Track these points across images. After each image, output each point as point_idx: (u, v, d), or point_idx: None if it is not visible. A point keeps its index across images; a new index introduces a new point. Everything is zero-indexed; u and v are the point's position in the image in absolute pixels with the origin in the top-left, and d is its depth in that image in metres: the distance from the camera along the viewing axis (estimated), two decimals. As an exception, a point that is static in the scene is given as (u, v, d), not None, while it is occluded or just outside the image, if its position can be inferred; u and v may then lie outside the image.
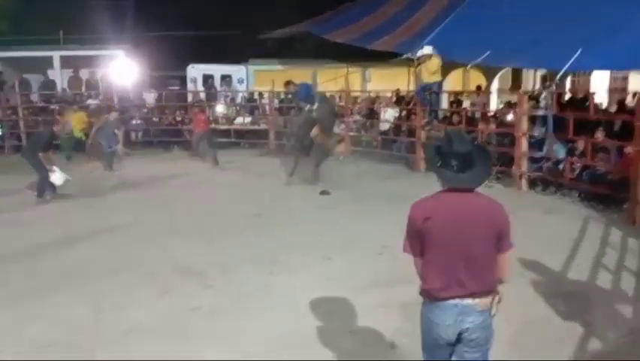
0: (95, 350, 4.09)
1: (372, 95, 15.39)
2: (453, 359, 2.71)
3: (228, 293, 5.09)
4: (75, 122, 12.58)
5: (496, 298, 2.67)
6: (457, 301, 2.59)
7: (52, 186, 8.95)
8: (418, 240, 2.67)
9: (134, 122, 14.97)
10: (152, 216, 7.85)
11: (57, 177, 8.91)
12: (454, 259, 2.59)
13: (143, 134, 14.90)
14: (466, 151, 2.65)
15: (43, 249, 6.42)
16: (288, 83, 12.39)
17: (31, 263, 5.96)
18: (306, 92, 10.11)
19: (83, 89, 16.21)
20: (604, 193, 7.84)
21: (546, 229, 6.92)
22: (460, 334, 2.62)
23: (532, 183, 9.26)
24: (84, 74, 16.79)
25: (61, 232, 7.12)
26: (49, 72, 17.20)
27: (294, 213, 7.93)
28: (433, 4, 14.10)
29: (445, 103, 13.90)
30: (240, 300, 4.95)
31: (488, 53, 10.50)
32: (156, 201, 8.85)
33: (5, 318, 4.58)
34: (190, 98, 15.53)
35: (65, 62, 17.97)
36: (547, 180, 8.93)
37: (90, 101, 15.30)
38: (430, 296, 2.66)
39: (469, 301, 2.60)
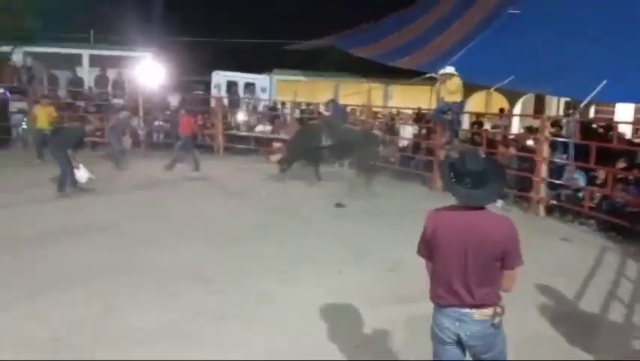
0: (95, 350, 4.11)
1: (394, 111, 15.40)
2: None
3: (235, 301, 5.10)
4: (42, 116, 12.41)
5: (498, 309, 2.75)
6: (455, 309, 2.74)
7: (74, 181, 9.10)
8: (428, 247, 2.84)
9: (156, 123, 15.17)
10: (163, 220, 7.92)
11: (81, 174, 9.10)
12: (454, 271, 2.73)
13: (165, 136, 15.07)
14: (479, 170, 2.76)
15: (55, 244, 6.53)
16: (331, 102, 12.64)
17: (38, 259, 6.01)
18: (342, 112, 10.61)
19: (109, 88, 16.49)
20: (622, 225, 7.72)
21: (561, 256, 6.84)
22: (461, 338, 2.75)
23: (550, 210, 9.16)
24: (111, 73, 17.12)
25: (74, 228, 7.23)
26: (78, 70, 17.54)
27: (307, 223, 7.94)
28: (458, 27, 14.14)
29: (466, 124, 13.86)
30: (246, 308, 4.95)
31: (512, 77, 10.49)
32: (169, 205, 8.92)
33: (5, 317, 4.61)
34: (213, 103, 15.70)
35: (94, 60, 18.34)
36: (566, 207, 8.82)
37: (115, 101, 15.56)
38: (434, 302, 2.85)
39: (466, 310, 2.72)
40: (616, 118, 14.21)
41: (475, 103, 17.34)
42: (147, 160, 13.04)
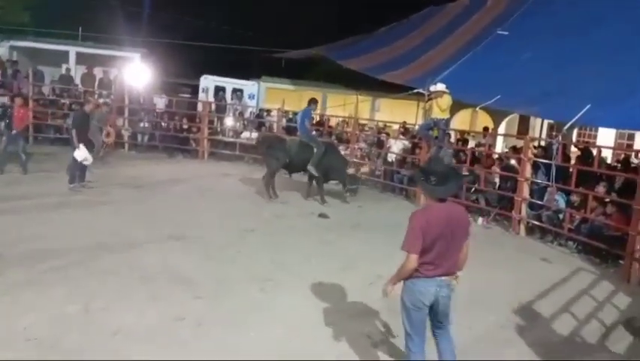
0: (83, 350, 4.09)
1: (380, 124, 15.49)
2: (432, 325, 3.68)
3: (216, 306, 5.07)
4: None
5: (458, 274, 3.68)
6: (440, 278, 3.54)
7: (82, 177, 9.41)
8: (421, 238, 3.43)
9: (141, 125, 15.06)
10: (151, 220, 7.85)
11: (79, 152, 9.22)
12: (441, 249, 3.49)
13: (149, 138, 14.96)
14: (441, 170, 3.59)
15: (37, 241, 6.43)
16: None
17: (31, 258, 5.92)
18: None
19: (96, 86, 16.33)
20: (601, 247, 7.85)
21: (540, 276, 6.90)
22: (436, 300, 3.55)
23: (531, 230, 9.27)
24: (98, 72, 16.96)
25: (55, 227, 7.14)
26: (64, 67, 17.36)
27: (291, 232, 7.92)
28: (447, 45, 14.33)
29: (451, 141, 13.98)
30: (227, 314, 4.92)
31: (498, 97, 10.62)
32: (154, 207, 8.85)
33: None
34: (200, 107, 15.64)
35: (81, 58, 18.16)
36: (546, 228, 8.94)
37: (101, 100, 15.39)
38: (421, 275, 3.51)
39: (446, 278, 3.57)
40: (598, 142, 14.49)
41: (461, 120, 17.54)
42: (132, 160, 12.94)
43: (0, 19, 16.79)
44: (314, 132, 11.84)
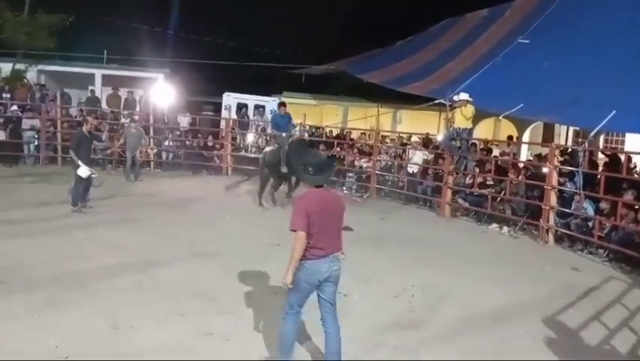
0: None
1: (403, 136, 15.46)
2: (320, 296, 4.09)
3: (244, 321, 5.08)
4: None
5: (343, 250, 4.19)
6: (331, 258, 4.01)
7: (85, 197, 9.30)
8: (305, 217, 3.87)
9: (166, 143, 15.30)
10: (172, 238, 7.93)
11: (82, 170, 9.13)
12: (330, 232, 4.00)
13: (174, 156, 15.18)
14: (317, 162, 4.09)
15: (64, 261, 6.54)
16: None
17: (56, 277, 6.03)
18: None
19: (121, 107, 16.68)
20: (632, 255, 7.66)
21: (570, 286, 6.76)
22: (330, 275, 4.00)
23: (559, 239, 9.11)
24: (123, 93, 17.35)
25: (80, 245, 7.27)
26: (90, 88, 17.81)
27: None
28: (467, 55, 14.29)
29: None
30: (254, 329, 4.93)
31: (521, 105, 10.53)
32: (178, 223, 8.95)
33: (8, 330, 4.64)
34: (223, 124, 15.84)
35: (106, 80, 18.62)
36: (575, 236, 8.77)
37: (123, 120, 15.73)
38: (314, 256, 3.94)
39: (337, 254, 4.08)
40: (626, 148, 14.21)
41: (484, 130, 17.41)
42: (157, 179, 13.15)
43: (27, 45, 17.33)
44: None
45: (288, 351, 4.09)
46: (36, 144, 14.40)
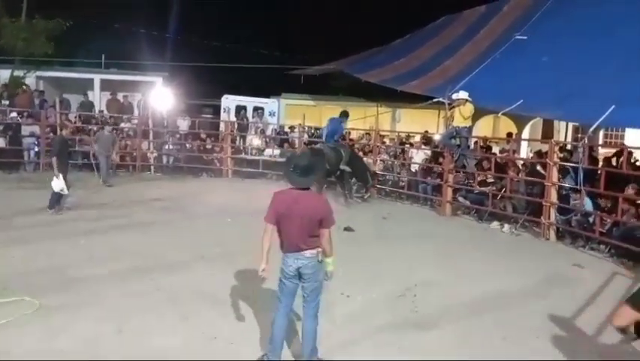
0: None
1: (402, 135, 15.45)
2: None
3: (247, 325, 5.09)
4: None
5: (319, 250, 4.17)
6: (295, 253, 4.16)
7: (58, 201, 9.44)
8: (275, 215, 4.13)
9: (166, 147, 15.30)
10: (176, 241, 7.94)
11: (55, 183, 9.30)
12: (293, 230, 4.11)
13: (174, 160, 15.18)
14: (305, 164, 4.18)
15: (70, 266, 6.55)
16: None
17: (63, 282, 6.05)
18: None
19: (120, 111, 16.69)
20: (634, 250, 7.66)
21: (573, 282, 6.78)
22: (298, 270, 4.16)
23: (561, 235, 9.11)
24: (120, 97, 17.34)
25: (85, 249, 7.28)
26: (89, 93, 17.82)
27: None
28: (466, 52, 14.28)
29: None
30: (258, 333, 4.93)
31: (520, 102, 10.53)
32: (183, 225, 8.96)
33: (17, 333, 4.68)
34: (222, 127, 15.83)
35: (105, 85, 18.64)
36: (576, 232, 8.78)
37: (123, 125, 15.74)
38: (283, 250, 4.21)
39: (301, 253, 4.15)
40: (626, 143, 14.20)
41: (483, 127, 17.41)
42: (156, 181, 13.15)
43: (25, 51, 17.33)
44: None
45: (276, 347, 4.23)
46: (36, 150, 14.40)
